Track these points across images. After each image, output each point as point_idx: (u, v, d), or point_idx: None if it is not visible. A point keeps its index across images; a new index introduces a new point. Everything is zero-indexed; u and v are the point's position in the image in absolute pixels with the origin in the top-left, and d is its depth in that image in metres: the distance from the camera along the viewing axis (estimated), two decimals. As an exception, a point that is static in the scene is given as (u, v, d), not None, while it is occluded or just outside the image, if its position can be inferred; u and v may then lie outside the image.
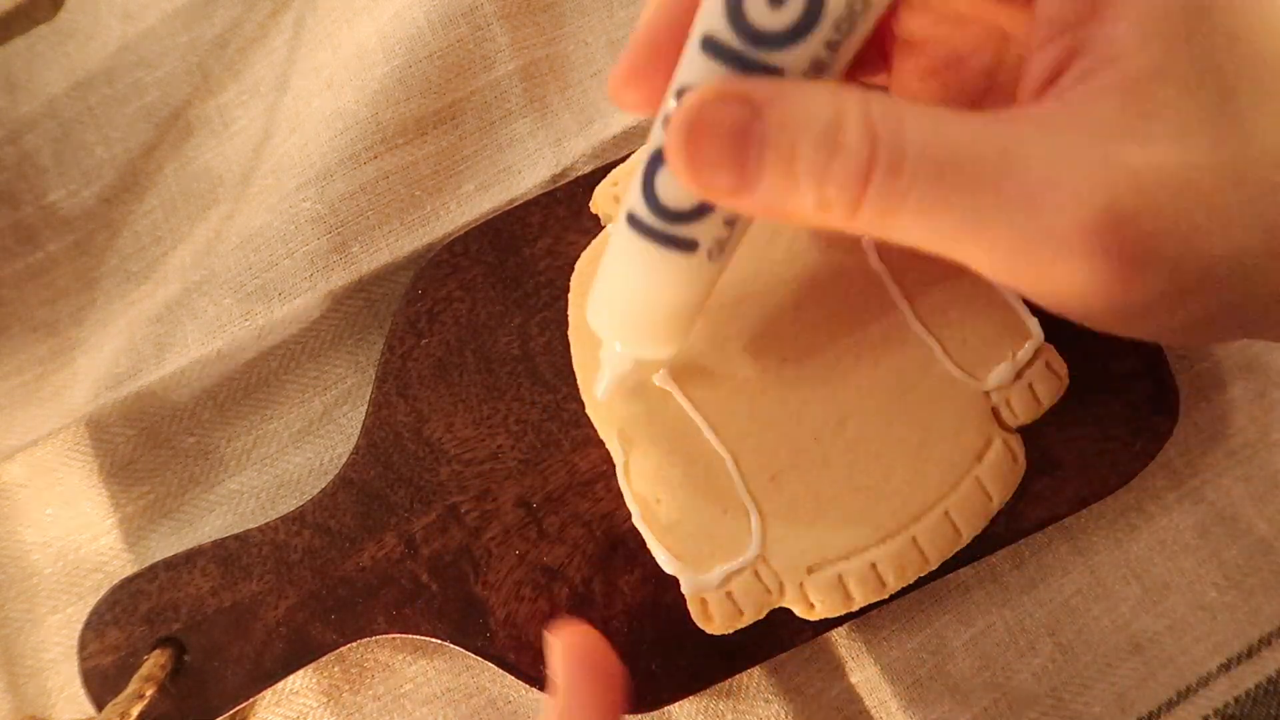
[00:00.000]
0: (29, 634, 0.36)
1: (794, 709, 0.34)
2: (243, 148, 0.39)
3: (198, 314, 0.37)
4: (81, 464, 0.36)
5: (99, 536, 0.36)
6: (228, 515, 0.37)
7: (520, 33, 0.39)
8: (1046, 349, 0.32)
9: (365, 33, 0.39)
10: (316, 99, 0.38)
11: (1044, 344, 0.32)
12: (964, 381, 0.31)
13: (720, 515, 0.31)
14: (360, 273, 0.37)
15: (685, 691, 0.33)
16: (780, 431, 0.31)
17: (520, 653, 0.33)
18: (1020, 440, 0.32)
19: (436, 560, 0.33)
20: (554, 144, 0.38)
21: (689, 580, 0.30)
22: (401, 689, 0.35)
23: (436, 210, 0.38)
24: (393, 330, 0.35)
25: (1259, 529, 0.35)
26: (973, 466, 0.31)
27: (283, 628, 0.33)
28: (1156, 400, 0.34)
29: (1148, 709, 0.34)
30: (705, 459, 0.31)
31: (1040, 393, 0.32)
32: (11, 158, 0.40)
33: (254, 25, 0.40)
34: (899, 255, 0.32)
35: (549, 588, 0.33)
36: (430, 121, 0.38)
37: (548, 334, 0.35)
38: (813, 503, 0.31)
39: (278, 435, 0.37)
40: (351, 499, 0.34)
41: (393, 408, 0.34)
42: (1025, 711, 0.34)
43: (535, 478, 0.34)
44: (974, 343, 0.32)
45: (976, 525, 0.31)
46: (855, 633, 0.35)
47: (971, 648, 0.35)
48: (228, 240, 0.38)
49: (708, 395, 0.32)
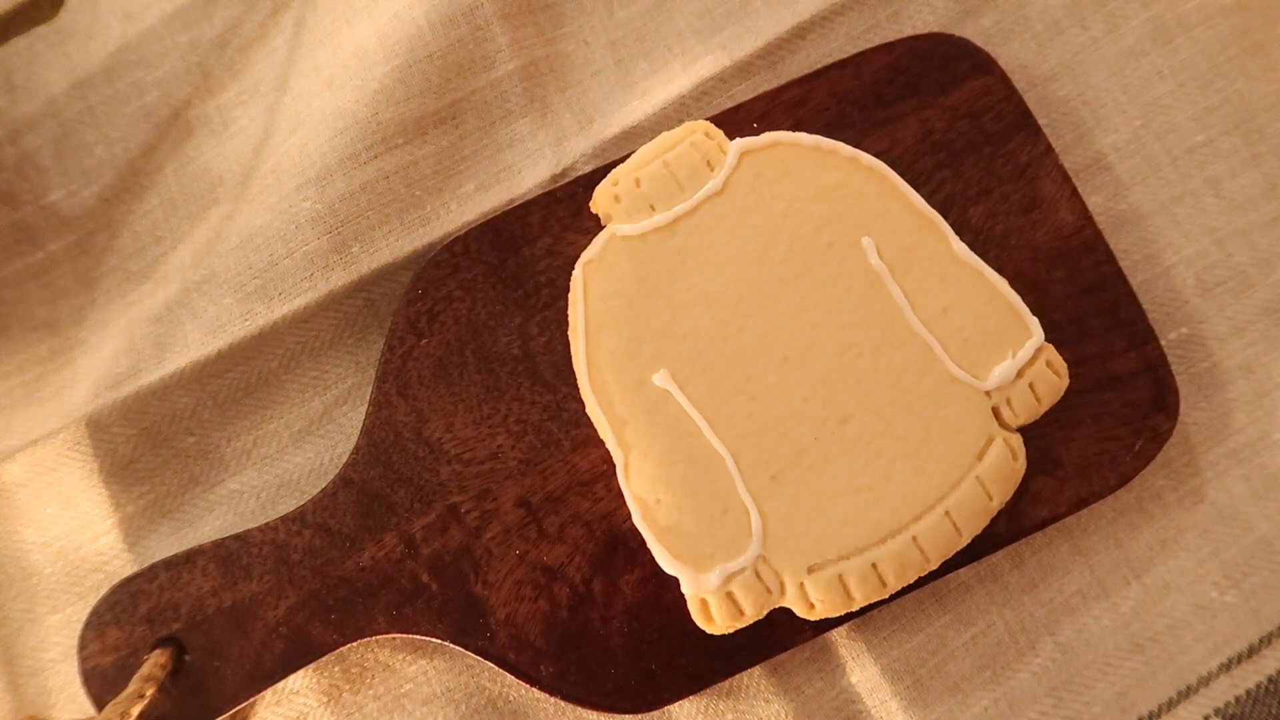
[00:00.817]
0: (29, 634, 0.36)
1: (794, 709, 0.34)
2: (243, 148, 0.39)
3: (198, 314, 0.37)
4: (81, 464, 0.36)
5: (99, 536, 0.36)
6: (228, 515, 0.37)
7: (520, 33, 0.39)
8: (1046, 348, 0.32)
9: (365, 33, 0.39)
10: (316, 99, 0.38)
11: (1044, 343, 0.32)
12: (964, 381, 0.31)
13: (720, 515, 0.31)
14: (360, 273, 0.37)
15: (685, 691, 0.33)
16: (780, 431, 0.31)
17: (520, 653, 0.33)
18: (1020, 440, 0.32)
19: (436, 560, 0.33)
20: (554, 144, 0.38)
21: (689, 580, 0.30)
22: (401, 689, 0.35)
23: (436, 210, 0.38)
24: (393, 330, 0.35)
25: (1259, 529, 0.35)
26: (973, 466, 0.31)
27: (283, 628, 0.33)
28: (1156, 400, 0.34)
29: (1148, 709, 0.34)
30: (705, 459, 0.31)
31: (1040, 392, 0.32)
32: (11, 158, 0.40)
33: (254, 25, 0.40)
34: (900, 254, 0.32)
35: (549, 588, 0.33)
36: (430, 121, 0.38)
37: (548, 334, 0.35)
38: (813, 502, 0.31)
39: (278, 435, 0.37)
40: (351, 499, 0.34)
41: (393, 408, 0.34)
42: (1025, 711, 0.34)
43: (535, 478, 0.34)
44: (974, 342, 0.32)
45: (977, 525, 0.31)
46: (855, 633, 0.35)
47: (971, 648, 0.35)
48: (228, 240, 0.38)
49: (707, 395, 0.32)
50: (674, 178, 0.33)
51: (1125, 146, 0.38)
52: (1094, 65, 0.38)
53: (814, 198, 0.33)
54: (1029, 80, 0.38)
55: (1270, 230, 0.37)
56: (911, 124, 0.36)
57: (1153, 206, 0.37)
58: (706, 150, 0.33)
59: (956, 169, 0.35)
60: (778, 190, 0.33)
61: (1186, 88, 0.38)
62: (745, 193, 0.33)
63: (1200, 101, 0.38)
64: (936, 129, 0.36)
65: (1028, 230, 0.35)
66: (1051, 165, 0.35)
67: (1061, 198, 0.35)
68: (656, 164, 0.33)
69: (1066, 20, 0.38)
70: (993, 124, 0.36)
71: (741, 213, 0.33)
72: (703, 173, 0.33)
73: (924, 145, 0.35)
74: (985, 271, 0.32)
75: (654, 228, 0.33)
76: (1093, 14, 0.38)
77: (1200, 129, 0.38)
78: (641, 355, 0.32)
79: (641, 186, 0.33)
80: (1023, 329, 0.32)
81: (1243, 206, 0.37)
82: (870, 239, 0.32)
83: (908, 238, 0.32)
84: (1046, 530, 0.35)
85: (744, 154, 0.33)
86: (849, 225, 0.33)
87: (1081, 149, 0.38)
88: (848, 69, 0.36)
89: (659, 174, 0.33)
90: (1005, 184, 0.35)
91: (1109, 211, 0.37)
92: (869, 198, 0.33)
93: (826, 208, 0.33)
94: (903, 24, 0.38)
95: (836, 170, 0.33)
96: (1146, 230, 0.37)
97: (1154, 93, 0.38)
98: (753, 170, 0.33)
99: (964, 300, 0.32)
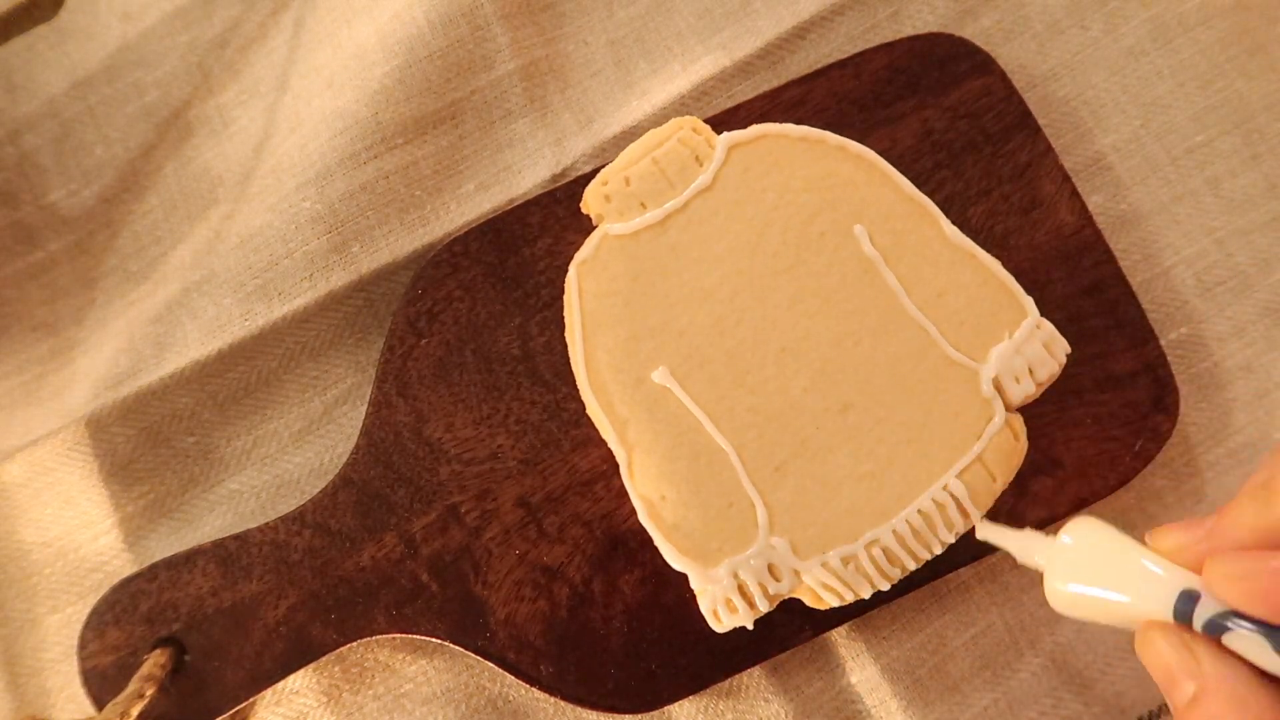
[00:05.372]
0: (29, 634, 0.36)
1: (794, 709, 0.34)
2: (243, 148, 0.39)
3: (198, 314, 0.37)
4: (81, 464, 0.36)
5: (99, 536, 0.36)
6: (228, 515, 0.37)
7: (520, 33, 0.39)
8: (1043, 326, 0.32)
9: (365, 33, 0.39)
10: (316, 99, 0.38)
11: (1040, 320, 0.32)
12: (962, 363, 0.31)
13: (726, 509, 0.31)
14: (360, 273, 0.37)
15: (685, 691, 0.33)
16: (782, 422, 0.31)
17: (520, 653, 0.33)
18: (1021, 420, 0.31)
19: (436, 560, 0.33)
20: (554, 144, 0.38)
21: (698, 576, 0.30)
22: (401, 689, 0.35)
23: (436, 210, 0.38)
24: (393, 330, 0.35)
25: (1259, 529, 0.35)
26: (975, 447, 0.31)
27: (283, 628, 0.33)
28: (1156, 400, 0.34)
29: (1148, 709, 0.34)
30: (708, 454, 0.31)
31: (1039, 371, 0.31)
32: (11, 158, 0.40)
33: (254, 25, 0.40)
34: (892, 240, 0.32)
35: (549, 588, 0.33)
36: (430, 121, 0.38)
37: (548, 334, 0.35)
38: (818, 491, 0.31)
39: (278, 435, 0.37)
40: (351, 499, 0.34)
41: (393, 408, 0.34)
42: (1025, 711, 0.34)
43: (535, 478, 0.34)
44: (970, 324, 0.32)
45: (982, 506, 0.31)
46: (855, 633, 0.35)
47: (971, 648, 0.35)
48: (228, 240, 0.38)
49: (707, 390, 0.32)
50: (664, 175, 0.33)
51: (1125, 146, 0.38)
52: (1094, 65, 0.38)
53: (804, 188, 0.33)
54: (1029, 80, 0.38)
55: (1270, 230, 0.37)
56: (911, 124, 0.36)
57: (1153, 206, 0.37)
58: (695, 146, 0.33)
59: (956, 169, 0.35)
60: (767, 182, 0.33)
61: (1186, 88, 0.38)
62: (735, 186, 0.33)
63: (1200, 101, 0.38)
64: (936, 129, 0.36)
65: (1028, 230, 0.35)
66: (1051, 165, 0.35)
67: (1061, 198, 0.35)
68: (646, 162, 0.33)
69: (1066, 20, 0.38)
70: (993, 124, 0.36)
71: (733, 206, 0.33)
72: (692, 168, 0.33)
73: (924, 145, 0.35)
74: (978, 253, 0.32)
75: (646, 225, 0.33)
76: (1093, 14, 0.38)
77: (1200, 129, 0.38)
78: (639, 353, 0.32)
79: (631, 185, 0.33)
80: (1018, 309, 0.32)
81: (1243, 206, 0.37)
82: (862, 226, 0.32)
83: (899, 223, 0.32)
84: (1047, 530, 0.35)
85: (732, 148, 0.33)
86: (840, 214, 0.33)
87: (1081, 149, 0.38)
88: (848, 69, 0.36)
89: (648, 172, 0.33)
90: (1005, 184, 0.35)
91: (1109, 211, 0.37)
92: (859, 185, 0.33)
93: (817, 197, 0.33)
94: (903, 24, 0.38)
95: (825, 160, 0.33)
96: (1146, 230, 0.37)
97: (1154, 93, 0.38)
98: (742, 164, 0.33)
99: (958, 283, 0.32)
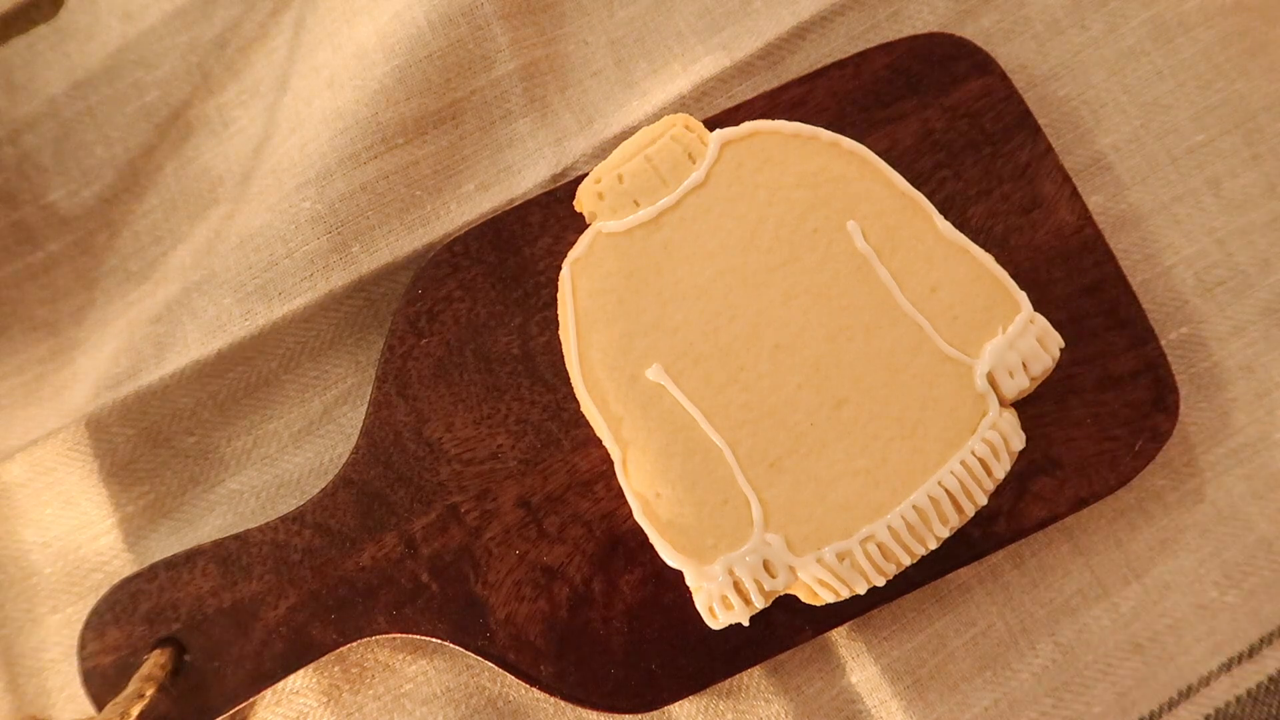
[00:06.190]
0: (29, 634, 0.36)
1: (794, 709, 0.34)
2: (243, 148, 0.39)
3: (198, 314, 0.37)
4: (81, 464, 0.36)
5: (99, 536, 0.36)
6: (228, 515, 0.37)
7: (520, 33, 0.39)
8: (1037, 320, 0.32)
9: (365, 32, 0.39)
10: (316, 99, 0.38)
11: (1034, 315, 0.32)
12: (956, 358, 0.31)
13: (721, 506, 0.31)
14: (360, 273, 0.37)
15: (685, 691, 0.33)
16: (776, 418, 0.31)
17: (520, 653, 0.33)
18: (1015, 415, 0.32)
19: (436, 560, 0.33)
20: (554, 144, 0.38)
21: (693, 573, 0.30)
22: (401, 689, 0.35)
23: (436, 210, 0.38)
24: (393, 330, 0.35)
25: (1260, 528, 0.35)
26: (969, 442, 0.31)
27: (283, 628, 0.33)
28: (1156, 400, 0.34)
29: (1148, 709, 0.34)
30: (703, 450, 0.31)
31: (1032, 365, 0.31)
32: (11, 158, 0.40)
33: (254, 25, 0.40)
34: (885, 236, 0.32)
35: (549, 588, 0.33)
36: (430, 121, 0.38)
37: (548, 334, 0.35)
38: (813, 487, 0.31)
39: (278, 435, 0.37)
40: (351, 499, 0.34)
41: (393, 408, 0.34)
42: (1025, 711, 0.34)
43: (535, 477, 0.34)
44: (964, 319, 0.32)
45: (978, 500, 0.31)
46: (855, 633, 0.35)
47: (971, 648, 0.35)
48: (228, 240, 0.38)
49: (702, 387, 0.32)
50: (656, 172, 0.33)
51: (1125, 146, 0.38)
52: (1094, 65, 0.38)
53: (797, 184, 0.33)
54: (1029, 80, 0.38)
55: (1270, 230, 0.37)
56: (911, 124, 0.36)
57: (1153, 206, 0.37)
58: (687, 143, 0.33)
59: (956, 169, 0.35)
60: (760, 179, 0.33)
61: (1186, 88, 0.38)
62: (728, 183, 0.33)
63: (1200, 101, 0.38)
64: (936, 129, 0.36)
65: (1028, 230, 0.35)
66: (1051, 165, 0.35)
67: (1061, 198, 0.35)
68: (638, 159, 0.33)
69: (1066, 20, 0.38)
70: (993, 124, 0.36)
71: (725, 203, 0.33)
72: (684, 166, 0.33)
73: (924, 145, 0.35)
74: (971, 248, 0.32)
75: (639, 223, 0.33)
76: (1093, 14, 0.38)
77: (1200, 129, 0.38)
78: (634, 351, 0.32)
79: (624, 183, 0.33)
80: (1011, 303, 0.32)
81: (1243, 206, 0.37)
82: (855, 222, 0.32)
83: (892, 219, 0.32)
84: (1046, 530, 0.35)
85: (725, 145, 0.33)
86: (833, 210, 0.33)
87: (1081, 149, 0.38)
88: (848, 69, 0.36)
89: (641, 169, 0.33)
90: (1005, 184, 0.35)
91: (1109, 211, 0.37)
92: (851, 181, 0.33)
93: (810, 194, 0.33)
94: (903, 24, 0.38)
95: (818, 156, 0.33)
96: (1146, 230, 0.37)
97: (1154, 93, 0.38)
98: (734, 160, 0.33)
99: (952, 278, 0.32)
